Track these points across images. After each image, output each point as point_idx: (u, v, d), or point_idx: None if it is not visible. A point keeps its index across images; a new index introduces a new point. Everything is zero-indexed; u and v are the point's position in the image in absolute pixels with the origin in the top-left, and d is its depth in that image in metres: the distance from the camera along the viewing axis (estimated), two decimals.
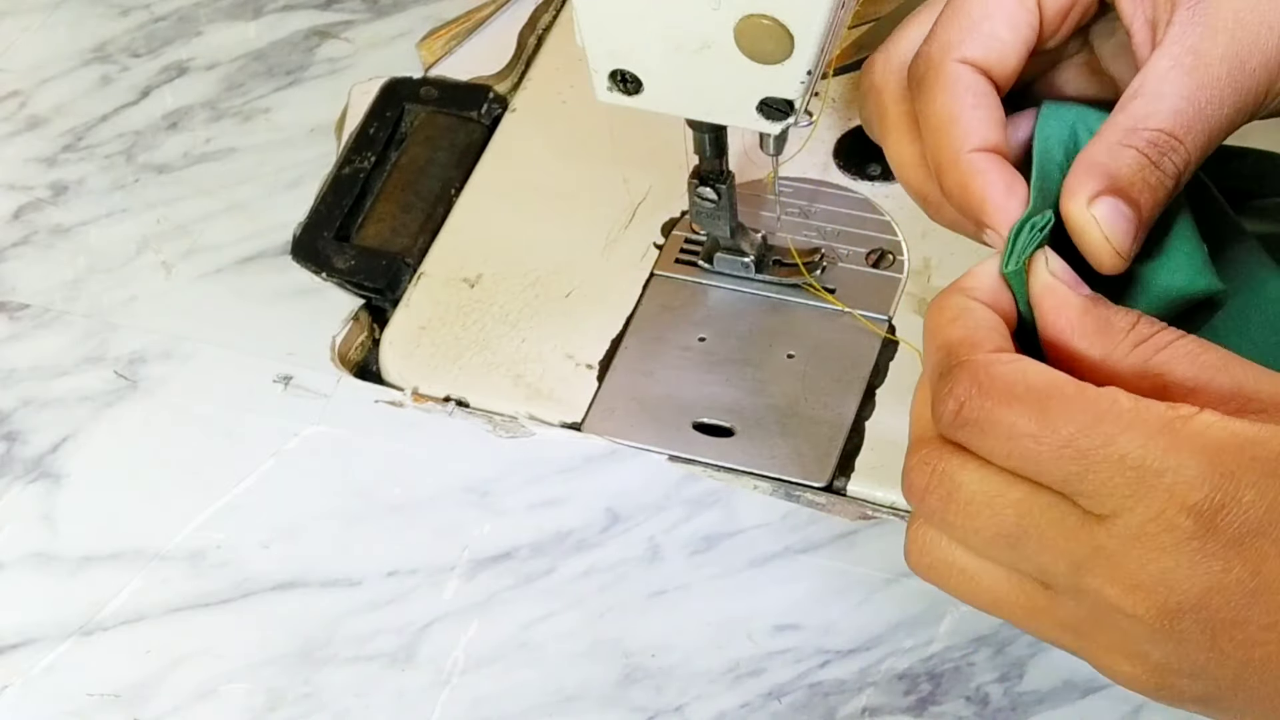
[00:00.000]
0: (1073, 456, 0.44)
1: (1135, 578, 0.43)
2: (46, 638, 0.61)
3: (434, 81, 0.77)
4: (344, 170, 0.74)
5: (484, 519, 0.62)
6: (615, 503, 0.62)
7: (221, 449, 0.65)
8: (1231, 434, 0.43)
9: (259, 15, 0.82)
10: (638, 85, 0.58)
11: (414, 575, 0.61)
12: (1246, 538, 0.42)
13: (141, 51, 0.81)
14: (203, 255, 0.72)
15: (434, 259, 0.71)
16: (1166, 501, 0.43)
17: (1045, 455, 0.44)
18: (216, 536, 0.63)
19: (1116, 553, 0.43)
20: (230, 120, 0.77)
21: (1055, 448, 0.44)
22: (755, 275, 0.68)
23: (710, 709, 0.57)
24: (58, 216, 0.74)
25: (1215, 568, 0.43)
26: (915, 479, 0.47)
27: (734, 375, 0.66)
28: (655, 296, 0.69)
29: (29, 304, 0.71)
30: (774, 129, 0.58)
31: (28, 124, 0.78)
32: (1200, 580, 0.43)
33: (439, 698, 0.58)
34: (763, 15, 0.54)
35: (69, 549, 0.63)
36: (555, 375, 0.66)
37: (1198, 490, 0.43)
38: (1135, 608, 0.44)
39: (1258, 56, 0.51)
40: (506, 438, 0.65)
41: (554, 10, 0.80)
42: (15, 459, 0.66)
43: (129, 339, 0.69)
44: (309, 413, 0.66)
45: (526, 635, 0.59)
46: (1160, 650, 0.44)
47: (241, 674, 0.59)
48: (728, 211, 0.66)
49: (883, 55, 0.56)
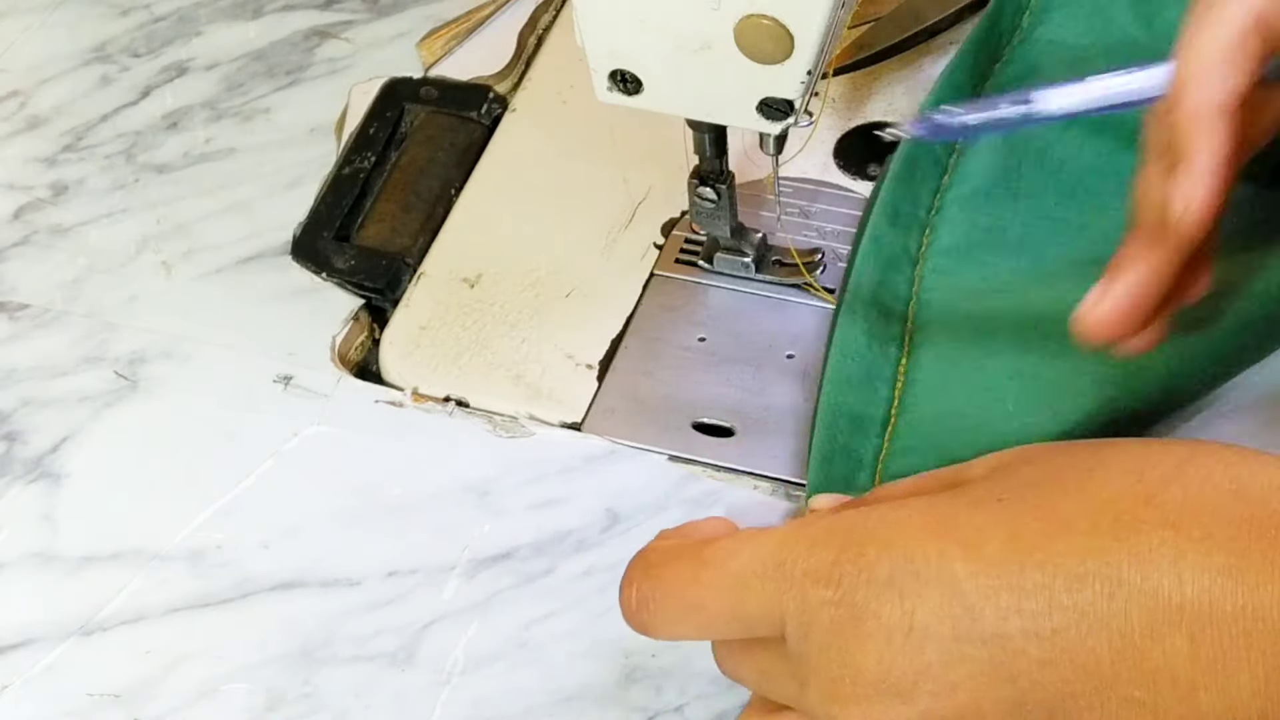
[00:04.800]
0: (730, 585, 0.45)
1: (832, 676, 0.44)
2: (46, 638, 0.61)
3: (434, 81, 0.78)
4: (344, 170, 0.74)
5: (484, 519, 0.62)
6: (615, 503, 0.62)
7: (221, 449, 0.65)
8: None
9: (259, 15, 0.82)
10: (638, 85, 0.58)
11: (414, 575, 0.61)
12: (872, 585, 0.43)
13: (141, 51, 0.81)
14: (203, 255, 0.72)
15: (434, 259, 0.71)
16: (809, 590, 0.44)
17: (710, 596, 0.46)
18: (216, 536, 0.63)
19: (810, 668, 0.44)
20: (230, 120, 0.77)
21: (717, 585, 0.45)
22: (755, 275, 0.68)
23: (710, 709, 0.57)
24: (58, 216, 0.74)
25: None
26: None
27: (734, 375, 0.66)
28: (655, 296, 0.69)
29: (29, 304, 0.71)
30: (774, 129, 0.59)
31: (28, 124, 0.78)
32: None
33: (439, 698, 0.58)
34: (763, 15, 0.54)
35: (69, 549, 0.63)
36: (555, 375, 0.66)
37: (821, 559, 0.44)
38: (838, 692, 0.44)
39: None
40: (506, 438, 0.65)
41: (554, 10, 0.80)
42: (15, 459, 0.66)
43: (129, 339, 0.69)
44: (309, 413, 0.66)
45: (526, 635, 0.59)
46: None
47: (241, 674, 0.59)
48: (728, 211, 0.66)
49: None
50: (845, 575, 0.43)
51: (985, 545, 0.42)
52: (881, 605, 0.43)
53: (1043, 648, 0.41)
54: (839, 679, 0.43)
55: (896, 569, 0.43)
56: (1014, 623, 0.41)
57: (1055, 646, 0.41)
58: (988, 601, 0.42)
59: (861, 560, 0.43)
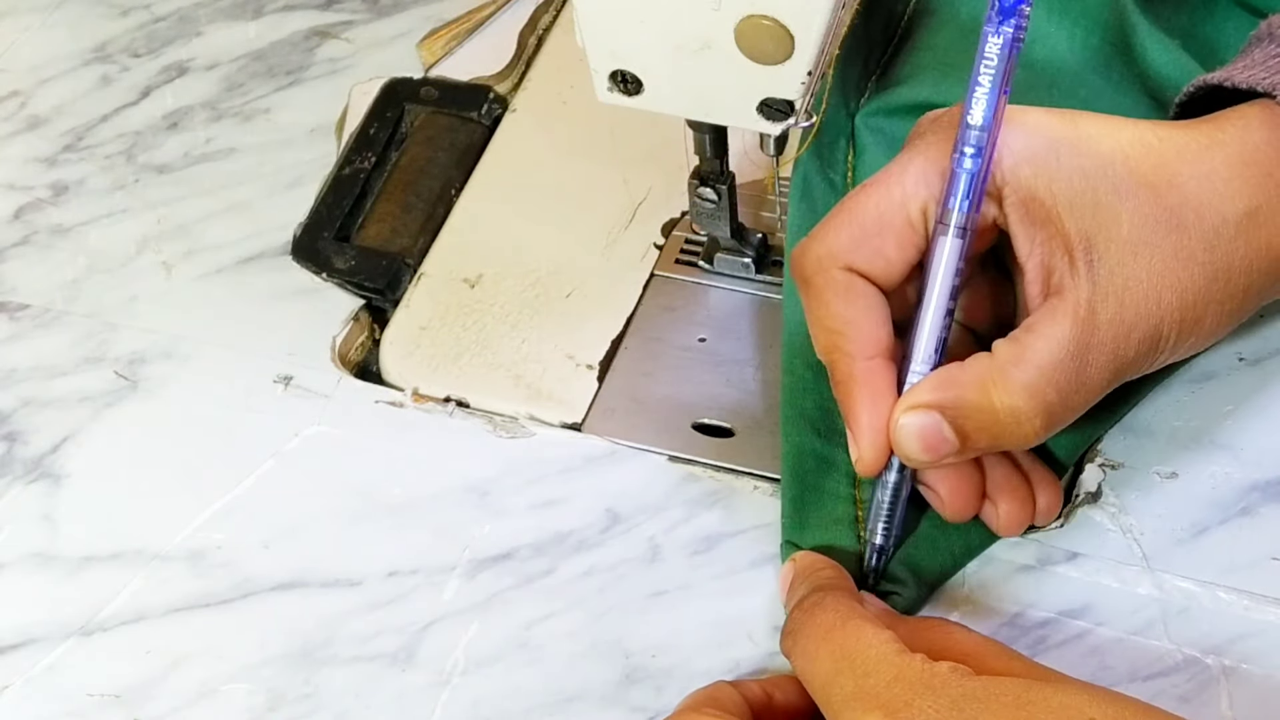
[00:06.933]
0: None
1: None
2: (46, 638, 0.61)
3: (434, 82, 0.78)
4: (344, 170, 0.74)
5: (484, 519, 0.62)
6: (615, 503, 0.62)
7: (221, 449, 0.65)
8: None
9: (259, 15, 0.82)
10: (638, 85, 0.58)
11: (414, 575, 0.61)
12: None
13: (142, 51, 0.81)
14: (203, 255, 0.72)
15: (434, 259, 0.71)
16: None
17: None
18: (216, 536, 0.63)
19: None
20: (230, 120, 0.77)
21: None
22: (755, 275, 0.68)
23: None
24: (58, 216, 0.74)
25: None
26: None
27: (734, 375, 0.66)
28: (655, 297, 0.69)
29: (29, 304, 0.71)
30: (774, 129, 0.59)
31: (28, 124, 0.78)
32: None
33: (439, 698, 0.58)
34: (763, 15, 0.54)
35: (69, 549, 0.63)
36: (555, 375, 0.66)
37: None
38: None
39: (1141, 328, 0.52)
40: (507, 438, 0.65)
41: (554, 10, 0.80)
42: (15, 459, 0.66)
43: (129, 339, 0.69)
44: (309, 413, 0.66)
45: (527, 635, 0.59)
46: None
47: (241, 674, 0.59)
48: (728, 212, 0.66)
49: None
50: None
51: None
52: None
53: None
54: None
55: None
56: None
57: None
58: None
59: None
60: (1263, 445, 0.60)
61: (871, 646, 0.50)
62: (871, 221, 0.54)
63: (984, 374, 0.52)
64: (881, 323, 0.55)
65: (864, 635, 0.50)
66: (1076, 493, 0.60)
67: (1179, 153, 0.53)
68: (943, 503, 0.57)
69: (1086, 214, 0.52)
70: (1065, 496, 0.60)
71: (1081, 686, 0.48)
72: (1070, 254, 0.52)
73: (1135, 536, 0.58)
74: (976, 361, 0.53)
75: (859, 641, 0.50)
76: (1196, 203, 0.53)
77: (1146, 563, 0.58)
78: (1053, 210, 0.52)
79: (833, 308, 0.55)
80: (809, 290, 0.55)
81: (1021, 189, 0.53)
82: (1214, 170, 0.53)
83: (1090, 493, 0.60)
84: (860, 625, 0.51)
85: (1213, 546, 0.58)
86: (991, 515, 0.57)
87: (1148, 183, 0.52)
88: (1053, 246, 0.52)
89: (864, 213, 0.55)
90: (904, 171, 0.55)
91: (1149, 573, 0.58)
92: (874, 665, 0.49)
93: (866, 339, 0.54)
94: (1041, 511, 0.58)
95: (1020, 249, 0.53)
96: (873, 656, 0.49)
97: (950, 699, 0.47)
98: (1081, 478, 0.60)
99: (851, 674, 0.49)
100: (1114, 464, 0.60)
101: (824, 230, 0.55)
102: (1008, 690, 0.47)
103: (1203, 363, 0.62)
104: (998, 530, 0.57)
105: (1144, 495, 0.59)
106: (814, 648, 0.51)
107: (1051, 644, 0.56)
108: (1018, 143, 0.53)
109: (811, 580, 0.55)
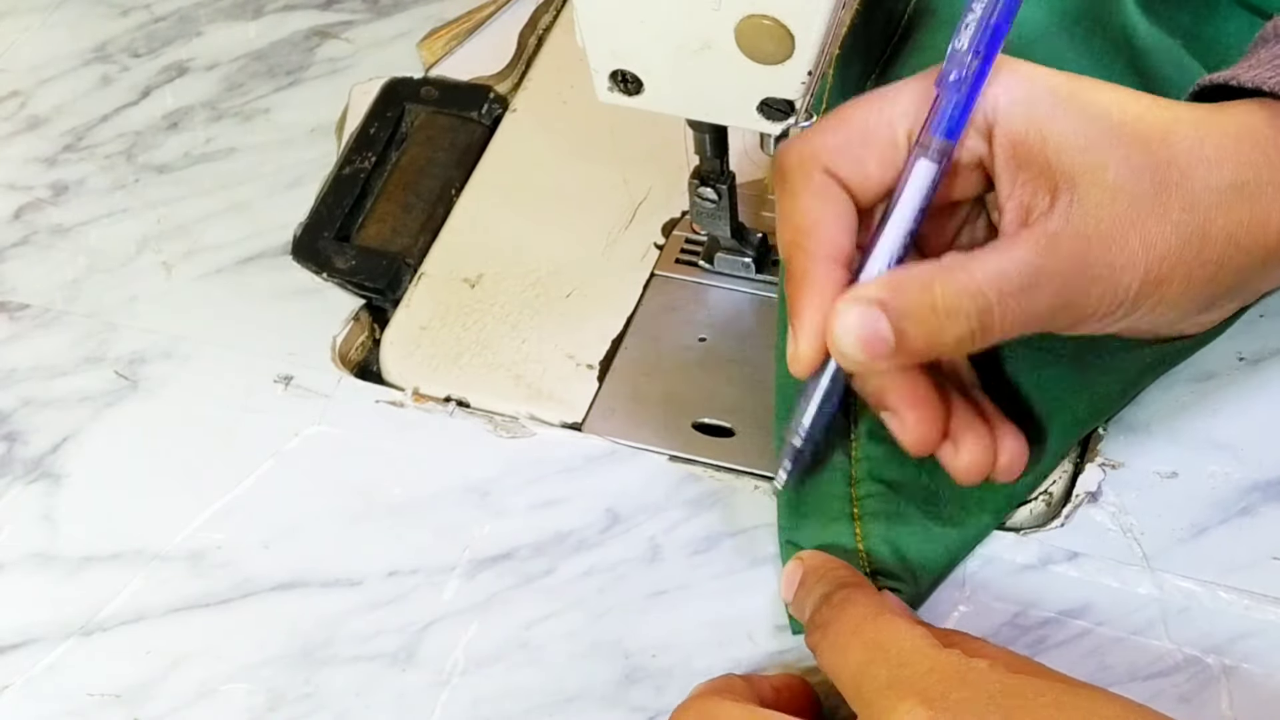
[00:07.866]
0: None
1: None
2: (46, 638, 0.61)
3: (434, 81, 0.78)
4: (344, 170, 0.74)
5: (484, 519, 0.62)
6: (615, 503, 0.62)
7: (221, 449, 0.65)
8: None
9: (259, 15, 0.82)
10: (638, 85, 0.58)
11: (414, 575, 0.61)
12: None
13: (142, 51, 0.81)
14: (203, 255, 0.72)
15: (434, 259, 0.71)
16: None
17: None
18: (216, 536, 0.63)
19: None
20: (230, 120, 0.77)
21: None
22: (755, 275, 0.68)
23: None
24: (58, 216, 0.74)
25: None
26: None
27: (734, 375, 0.66)
28: (655, 296, 0.69)
29: (29, 304, 0.71)
30: (774, 129, 0.59)
31: (28, 124, 0.78)
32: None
33: (439, 698, 0.58)
34: (763, 15, 0.54)
35: (69, 549, 0.63)
36: (555, 375, 0.66)
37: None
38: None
39: (1103, 273, 0.52)
40: (507, 438, 0.65)
41: (554, 10, 0.80)
42: (15, 459, 0.66)
43: (129, 339, 0.69)
44: (309, 413, 0.66)
45: (527, 635, 0.59)
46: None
47: (241, 674, 0.59)
48: (728, 211, 0.66)
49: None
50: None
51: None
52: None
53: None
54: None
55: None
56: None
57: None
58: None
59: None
60: (1263, 445, 0.60)
61: (907, 639, 0.50)
62: (859, 131, 0.54)
63: (929, 272, 0.52)
64: (846, 230, 0.54)
65: (899, 628, 0.50)
66: (1077, 493, 0.60)
67: (1176, 118, 0.53)
68: (904, 427, 0.56)
69: (1075, 156, 0.52)
70: (1065, 497, 0.60)
71: (1117, 700, 0.48)
72: (1053, 193, 0.52)
73: (1135, 536, 0.59)
74: (924, 264, 0.53)
75: (894, 634, 0.50)
76: (1185, 163, 0.52)
77: (1146, 562, 0.58)
78: (1040, 152, 0.52)
79: (803, 203, 0.54)
80: (785, 186, 0.55)
81: (1013, 129, 0.53)
82: (1207, 138, 0.53)
83: (1090, 493, 0.60)
84: (894, 619, 0.51)
85: (1213, 546, 0.58)
86: (950, 455, 0.56)
87: (1140, 136, 0.52)
88: (1035, 186, 0.52)
89: (854, 121, 0.55)
90: (899, 92, 0.55)
91: (1149, 572, 0.58)
92: (909, 656, 0.49)
93: (829, 242, 0.54)
94: (1003, 468, 0.57)
95: (1002, 190, 0.53)
96: (908, 648, 0.49)
97: (988, 694, 0.47)
98: (1081, 478, 0.60)
99: (886, 664, 0.49)
100: (1114, 464, 0.60)
101: (812, 131, 0.55)
102: (1046, 691, 0.47)
103: (1203, 363, 0.62)
104: (955, 475, 0.56)
105: (1144, 495, 0.60)
106: (845, 640, 0.51)
107: (1051, 644, 0.56)
108: (1016, 87, 0.53)
109: (830, 578, 0.55)
